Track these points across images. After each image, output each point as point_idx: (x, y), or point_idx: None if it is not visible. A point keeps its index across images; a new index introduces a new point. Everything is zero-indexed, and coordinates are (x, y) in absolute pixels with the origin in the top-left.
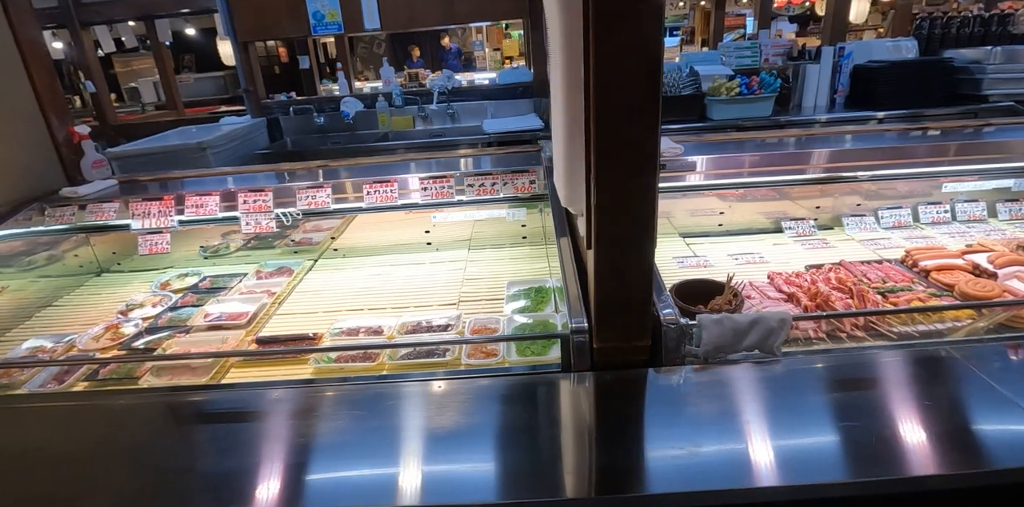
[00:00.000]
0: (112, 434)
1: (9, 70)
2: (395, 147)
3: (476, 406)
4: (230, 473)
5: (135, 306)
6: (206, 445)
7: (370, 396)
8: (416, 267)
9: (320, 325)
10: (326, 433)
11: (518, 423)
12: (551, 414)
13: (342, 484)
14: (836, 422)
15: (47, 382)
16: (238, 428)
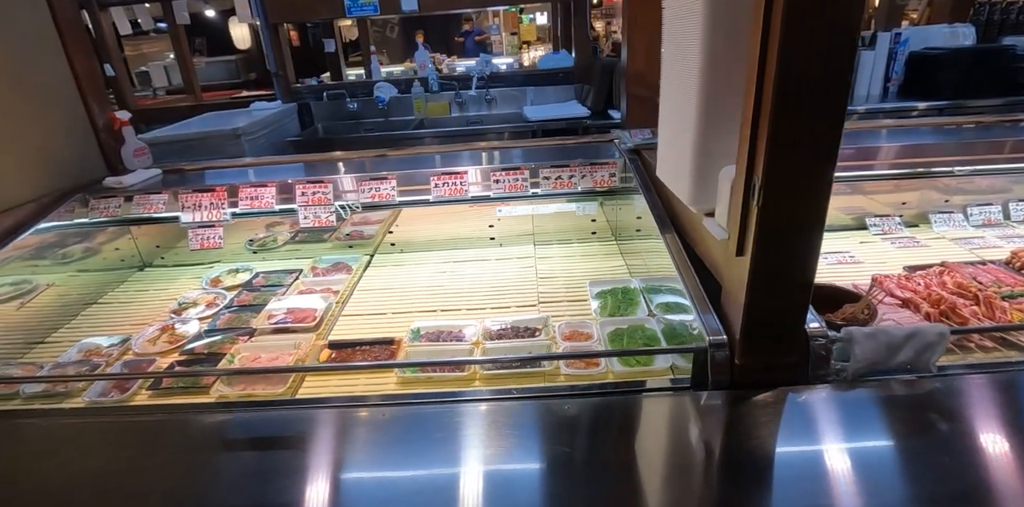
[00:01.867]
0: (188, 458)
1: (49, 53)
2: (435, 134)
3: (607, 433)
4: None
5: (188, 305)
6: (294, 471)
7: (466, 416)
8: (481, 264)
9: (393, 328)
10: (417, 462)
11: (676, 457)
12: (707, 441)
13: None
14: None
15: (108, 391)
16: (316, 452)
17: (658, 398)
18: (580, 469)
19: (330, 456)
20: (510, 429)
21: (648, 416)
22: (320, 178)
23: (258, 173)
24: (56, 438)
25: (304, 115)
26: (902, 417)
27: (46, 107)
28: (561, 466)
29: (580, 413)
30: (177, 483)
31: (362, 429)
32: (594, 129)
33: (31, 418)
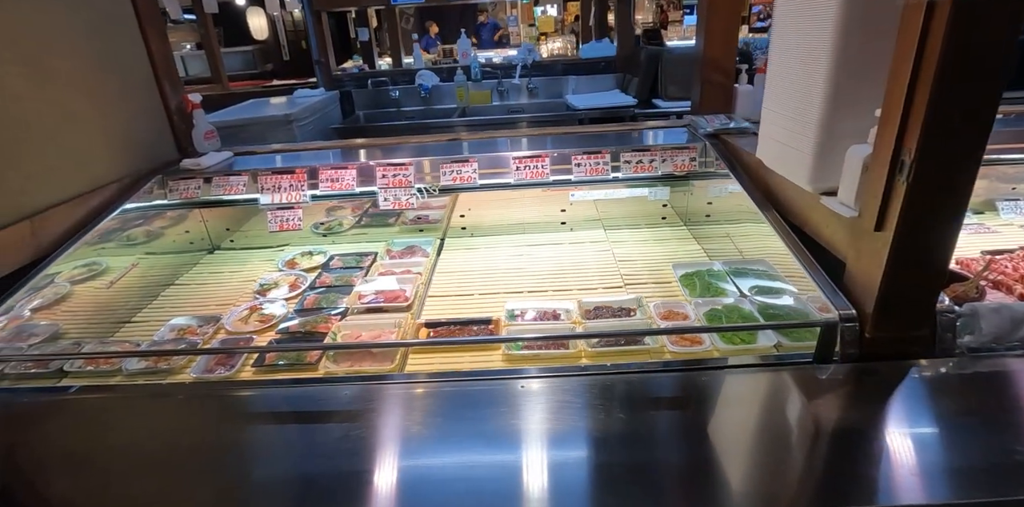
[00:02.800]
0: (307, 428)
1: (127, 34)
2: (478, 123)
3: (745, 404)
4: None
5: (270, 286)
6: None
7: (589, 388)
8: (556, 247)
9: (483, 308)
10: (556, 430)
11: (822, 425)
12: (851, 411)
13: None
14: None
15: (212, 367)
16: (441, 423)
17: (783, 372)
18: (731, 438)
19: (459, 425)
20: (639, 402)
21: (778, 389)
22: (401, 161)
23: (323, 157)
24: (169, 412)
25: (344, 103)
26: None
27: (127, 88)
28: (713, 434)
29: (707, 386)
30: (305, 451)
31: (481, 402)
32: (641, 116)
33: (136, 393)
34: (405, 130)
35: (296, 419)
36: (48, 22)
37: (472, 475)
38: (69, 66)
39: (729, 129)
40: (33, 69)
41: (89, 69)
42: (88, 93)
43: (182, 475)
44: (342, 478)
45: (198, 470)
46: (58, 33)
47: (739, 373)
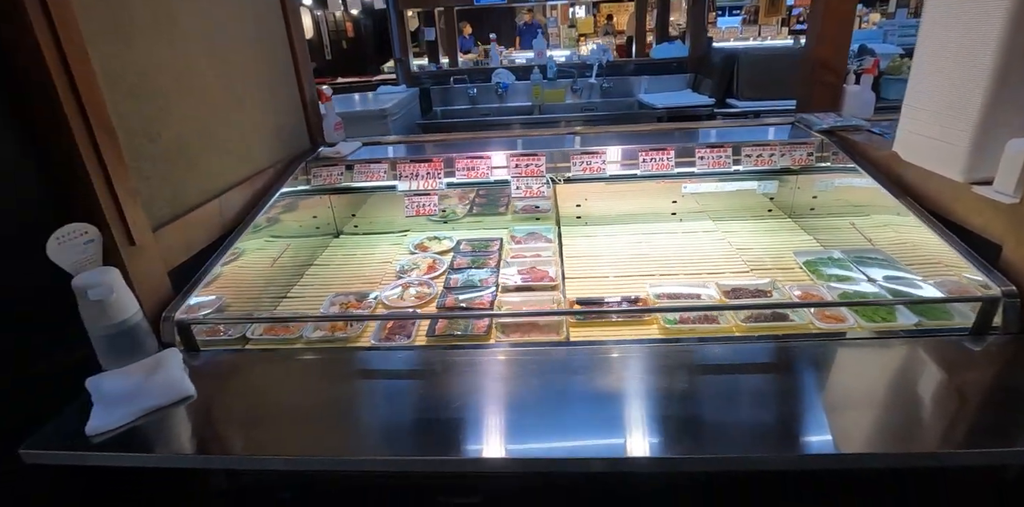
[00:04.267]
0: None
1: (276, 27)
2: (555, 119)
3: (918, 371)
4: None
5: (411, 268)
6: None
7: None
8: (671, 236)
9: (622, 289)
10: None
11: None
12: None
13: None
14: None
15: (389, 336)
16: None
17: (943, 343)
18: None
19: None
20: (805, 367)
21: (942, 359)
22: (533, 151)
23: (445, 147)
24: (353, 371)
25: (422, 100)
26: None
27: (276, 79)
28: (883, 398)
29: (868, 355)
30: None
31: (663, 366)
32: (720, 115)
33: (321, 355)
34: (485, 126)
35: (489, 376)
36: (225, 15)
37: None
38: (239, 57)
39: (845, 126)
40: (217, 60)
41: (252, 60)
42: (252, 82)
43: (372, 421)
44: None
45: (394, 416)
46: (232, 25)
47: (896, 342)
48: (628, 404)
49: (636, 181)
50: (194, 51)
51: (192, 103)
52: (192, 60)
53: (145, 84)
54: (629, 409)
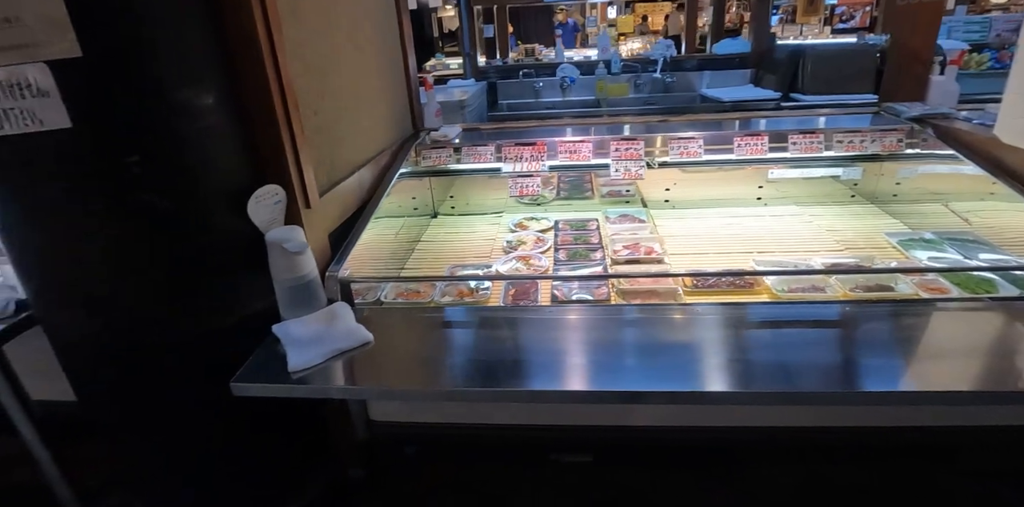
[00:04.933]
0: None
1: (391, 14)
2: (621, 112)
3: None
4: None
5: (517, 243)
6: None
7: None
8: (759, 219)
9: (725, 264)
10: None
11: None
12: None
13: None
14: None
15: (515, 302)
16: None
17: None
18: None
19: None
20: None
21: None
22: (633, 135)
23: (539, 133)
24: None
25: (489, 94)
26: None
27: (392, 64)
28: None
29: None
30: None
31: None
32: (786, 109)
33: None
34: (552, 118)
35: (622, 331)
36: (362, 7)
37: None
38: (368, 45)
39: (934, 114)
40: (353, 46)
41: (377, 48)
42: (377, 66)
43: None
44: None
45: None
46: (365, 16)
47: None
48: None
49: (724, 166)
50: (340, 38)
51: (339, 83)
52: (339, 45)
53: (311, 62)
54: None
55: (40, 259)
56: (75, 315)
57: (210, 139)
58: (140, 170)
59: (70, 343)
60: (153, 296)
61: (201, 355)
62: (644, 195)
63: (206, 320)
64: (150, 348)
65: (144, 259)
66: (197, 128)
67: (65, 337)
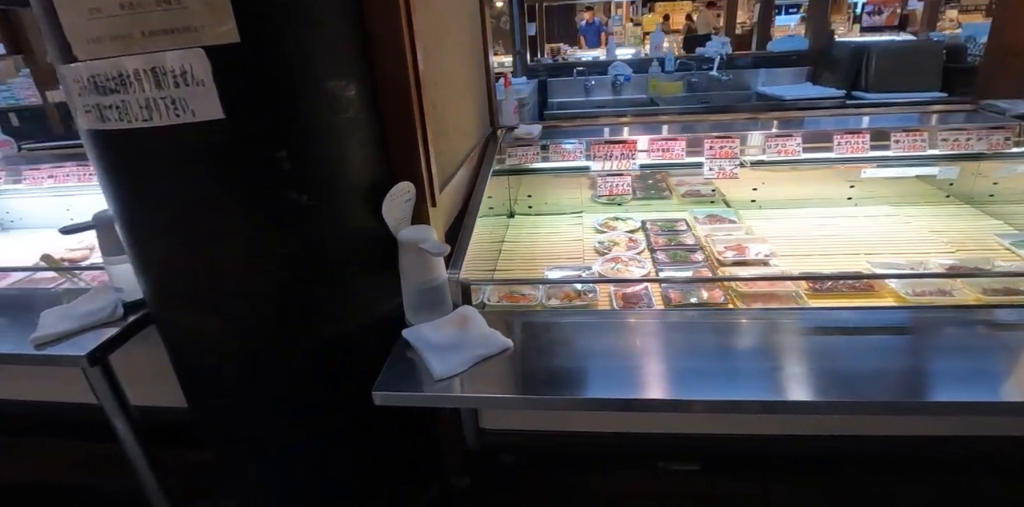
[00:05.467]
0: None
1: (475, 16)
2: (676, 111)
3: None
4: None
5: (611, 244)
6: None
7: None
8: (853, 219)
9: (828, 266)
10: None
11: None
12: None
13: None
14: None
15: (623, 306)
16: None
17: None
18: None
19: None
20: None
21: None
22: (727, 133)
23: (619, 130)
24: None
25: (540, 92)
26: None
27: (476, 61)
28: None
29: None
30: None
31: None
32: (851, 106)
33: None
34: (607, 116)
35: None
36: (459, 3)
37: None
38: (463, 41)
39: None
40: (452, 40)
41: (468, 45)
42: (468, 60)
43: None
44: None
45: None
46: (460, 13)
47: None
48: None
49: (814, 165)
50: (450, 27)
51: (446, 75)
52: (445, 34)
53: (429, 52)
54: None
55: (169, 257)
56: (201, 316)
57: (350, 133)
58: (288, 165)
59: (190, 345)
60: (286, 297)
61: (326, 359)
62: (728, 195)
63: (335, 323)
64: (276, 351)
65: (281, 258)
66: (339, 121)
67: (184, 339)
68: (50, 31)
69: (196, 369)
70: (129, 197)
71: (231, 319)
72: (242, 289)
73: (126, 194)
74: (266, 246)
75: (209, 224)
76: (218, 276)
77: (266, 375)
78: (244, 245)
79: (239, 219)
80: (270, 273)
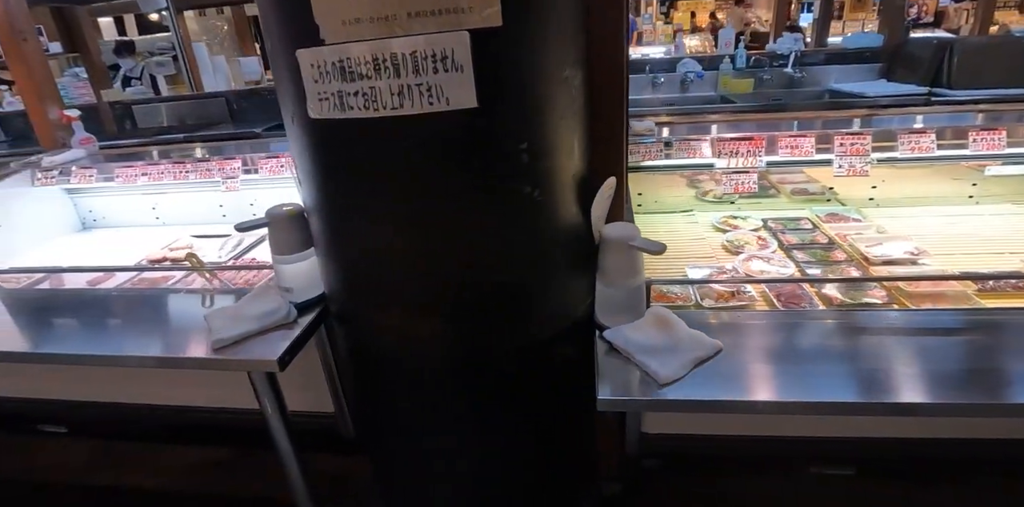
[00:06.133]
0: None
1: None
2: (747, 109)
3: None
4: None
5: (741, 243)
6: None
7: None
8: (979, 218)
9: (970, 266)
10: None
11: None
12: None
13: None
14: None
15: (788, 305)
16: None
17: None
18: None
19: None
20: None
21: None
22: (859, 130)
23: (729, 127)
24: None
25: None
26: None
27: None
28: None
29: None
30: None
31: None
32: (935, 104)
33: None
34: (677, 115)
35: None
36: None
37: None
38: None
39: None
40: None
41: None
42: None
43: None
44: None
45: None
46: None
47: None
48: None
49: (935, 163)
50: None
51: None
52: None
53: None
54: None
55: (382, 254)
56: (408, 316)
57: (575, 125)
58: (527, 158)
59: (384, 347)
60: (502, 296)
61: (527, 362)
62: (841, 193)
63: (541, 324)
64: (483, 354)
65: (502, 255)
66: (569, 113)
67: (379, 341)
68: (286, 13)
69: (381, 372)
70: (349, 189)
71: (441, 319)
72: (459, 287)
73: (346, 186)
74: (492, 242)
75: (438, 219)
76: (435, 273)
77: (467, 379)
78: (471, 241)
79: (473, 214)
80: (492, 270)
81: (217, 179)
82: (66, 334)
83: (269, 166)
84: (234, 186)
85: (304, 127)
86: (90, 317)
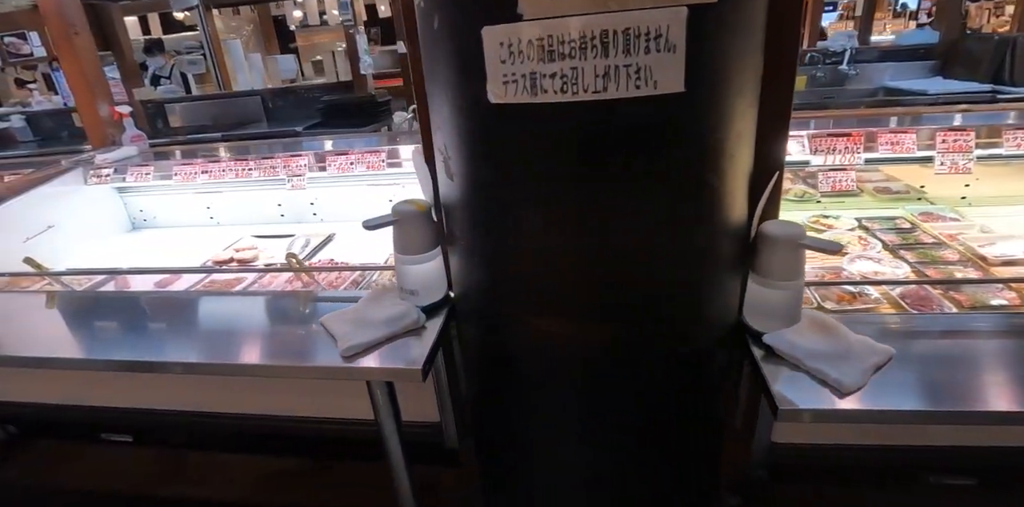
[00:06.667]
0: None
1: None
2: (802, 106)
3: None
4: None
5: (843, 243)
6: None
7: None
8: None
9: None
10: None
11: None
12: None
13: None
14: None
15: (921, 303)
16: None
17: None
18: None
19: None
20: None
21: None
22: (962, 126)
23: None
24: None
25: None
26: None
27: None
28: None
29: None
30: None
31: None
32: (1002, 101)
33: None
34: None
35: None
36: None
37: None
38: None
39: None
40: None
41: None
42: None
43: None
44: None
45: None
46: None
47: None
48: None
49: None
50: None
51: None
52: None
53: None
54: None
55: (550, 252)
56: (573, 320)
57: (755, 112)
58: (718, 147)
59: (533, 356)
60: (676, 298)
61: (685, 370)
62: (930, 192)
63: (704, 329)
64: (647, 360)
65: (680, 253)
66: (755, 99)
67: (527, 347)
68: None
69: (520, 380)
70: (515, 180)
71: (601, 321)
72: (631, 288)
73: (513, 176)
74: (672, 238)
75: (612, 211)
76: (604, 272)
77: (618, 387)
78: (653, 236)
79: (652, 204)
80: (669, 269)
81: (281, 177)
82: (151, 340)
83: (338, 164)
84: (300, 184)
85: (472, 113)
86: (174, 321)
